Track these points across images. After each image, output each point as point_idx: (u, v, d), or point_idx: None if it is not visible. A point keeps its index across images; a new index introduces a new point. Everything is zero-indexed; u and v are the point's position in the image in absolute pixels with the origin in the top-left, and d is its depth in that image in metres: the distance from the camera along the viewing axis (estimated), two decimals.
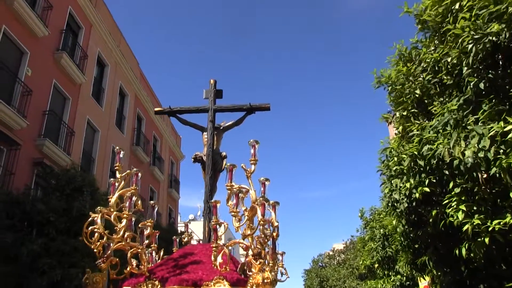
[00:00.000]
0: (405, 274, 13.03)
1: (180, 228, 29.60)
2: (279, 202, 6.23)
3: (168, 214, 33.14)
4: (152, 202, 7.01)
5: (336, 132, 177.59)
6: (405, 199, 8.35)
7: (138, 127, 29.12)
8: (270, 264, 5.95)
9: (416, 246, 9.30)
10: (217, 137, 8.18)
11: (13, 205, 12.85)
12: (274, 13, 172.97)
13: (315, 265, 35.70)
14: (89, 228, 5.78)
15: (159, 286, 5.68)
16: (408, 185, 8.13)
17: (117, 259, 5.94)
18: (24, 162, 15.87)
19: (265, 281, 5.20)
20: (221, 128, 8.41)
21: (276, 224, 6.06)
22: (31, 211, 12.64)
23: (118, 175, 6.22)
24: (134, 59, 29.33)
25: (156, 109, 9.21)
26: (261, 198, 5.68)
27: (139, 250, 5.89)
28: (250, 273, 5.59)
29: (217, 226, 5.82)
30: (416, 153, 8.08)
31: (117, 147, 6.76)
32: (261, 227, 5.59)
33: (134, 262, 6.00)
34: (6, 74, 15.94)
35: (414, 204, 8.36)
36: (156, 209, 7.03)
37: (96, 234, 5.70)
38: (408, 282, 13.20)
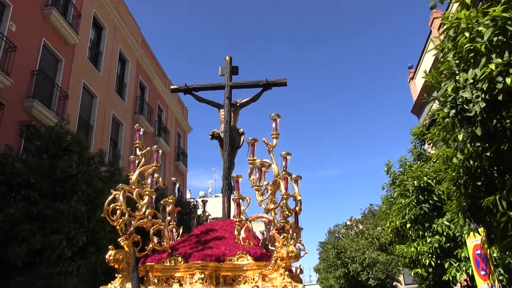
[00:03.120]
0: (445, 234, 11.32)
1: (190, 202, 28.34)
2: (302, 176, 6.04)
3: (176, 188, 31.66)
4: (173, 179, 6.97)
5: (351, 110, 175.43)
6: (482, 95, 5.52)
7: (141, 96, 27.66)
8: (294, 238, 5.82)
9: (479, 183, 6.63)
10: (234, 114, 8.18)
11: None
12: None
13: (331, 236, 34.09)
14: (111, 206, 5.74)
15: (182, 262, 5.73)
16: (492, 67, 5.28)
17: (139, 237, 5.91)
18: (9, 124, 14.40)
19: (290, 255, 5.13)
20: (238, 104, 8.37)
21: (299, 198, 5.93)
22: (10, 173, 11.07)
23: (138, 152, 6.21)
24: (134, 24, 27.65)
25: (172, 86, 8.98)
26: (283, 172, 5.64)
27: (161, 226, 5.98)
28: (272, 248, 5.69)
29: (240, 201, 5.75)
30: (505, 15, 5.36)
31: (137, 124, 6.65)
32: (284, 201, 5.49)
33: (155, 239, 6.04)
34: None
35: (500, 97, 5.37)
36: (177, 185, 6.95)
37: (118, 212, 5.69)
38: (448, 244, 11.16)
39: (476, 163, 6.21)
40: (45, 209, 10.78)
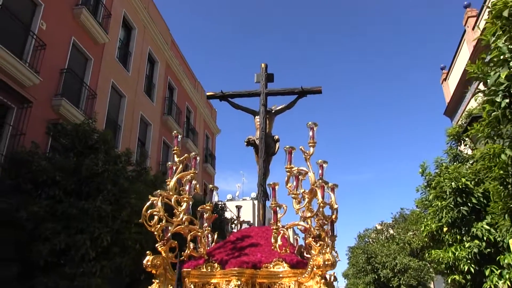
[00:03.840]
0: (485, 238, 10.55)
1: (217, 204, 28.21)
2: (338, 185, 6.06)
3: (203, 190, 31.55)
4: (211, 186, 7.02)
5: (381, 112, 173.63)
6: None
7: (169, 97, 27.58)
8: (330, 246, 5.83)
9: None
10: (269, 121, 8.24)
11: (20, 165, 11.25)
12: None
13: (361, 241, 33.44)
14: (148, 211, 5.75)
15: (218, 268, 5.77)
16: None
17: (176, 242, 5.95)
18: (37, 122, 14.32)
19: (326, 263, 5.12)
20: (273, 111, 8.43)
21: (335, 206, 5.94)
22: (36, 170, 10.92)
23: (176, 159, 6.24)
24: (164, 24, 27.58)
25: (208, 93, 8.99)
26: (320, 181, 5.58)
27: (199, 233, 6.01)
28: (308, 256, 5.76)
29: (277, 208, 5.77)
30: None
31: (175, 131, 6.61)
32: (321, 209, 5.49)
33: (191, 245, 6.10)
34: (17, 27, 14.48)
35: None
36: (215, 192, 7.10)
37: (156, 217, 5.72)
38: (489, 249, 10.50)
39: None
40: (70, 208, 10.57)
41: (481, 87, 6.49)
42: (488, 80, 5.71)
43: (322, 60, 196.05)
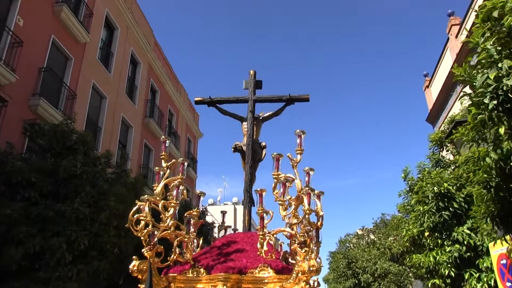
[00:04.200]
0: (465, 243, 10.59)
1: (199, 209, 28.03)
2: (324, 192, 6.15)
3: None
4: (198, 191, 7.05)
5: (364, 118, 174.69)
6: None
7: (151, 99, 27.32)
8: (314, 253, 5.86)
9: None
10: (256, 127, 8.30)
11: None
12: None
13: (342, 246, 33.68)
14: (135, 216, 5.74)
15: (204, 273, 5.80)
16: None
17: (162, 247, 5.90)
18: (13, 122, 13.90)
19: (311, 269, 5.20)
20: (261, 118, 8.51)
21: (321, 213, 5.98)
22: (10, 171, 10.58)
23: (164, 164, 6.26)
24: (147, 26, 27.37)
25: (196, 98, 8.99)
26: (306, 188, 5.69)
27: (186, 239, 6.07)
28: (293, 262, 5.84)
29: (264, 214, 5.82)
30: None
31: (163, 136, 6.63)
32: (307, 216, 5.61)
33: (177, 250, 6.10)
34: None
35: None
36: (202, 198, 7.07)
37: (142, 222, 5.71)
38: (468, 253, 10.47)
39: None
40: (46, 210, 10.23)
41: (466, 91, 6.44)
42: (475, 83, 5.70)
43: (306, 63, 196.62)
